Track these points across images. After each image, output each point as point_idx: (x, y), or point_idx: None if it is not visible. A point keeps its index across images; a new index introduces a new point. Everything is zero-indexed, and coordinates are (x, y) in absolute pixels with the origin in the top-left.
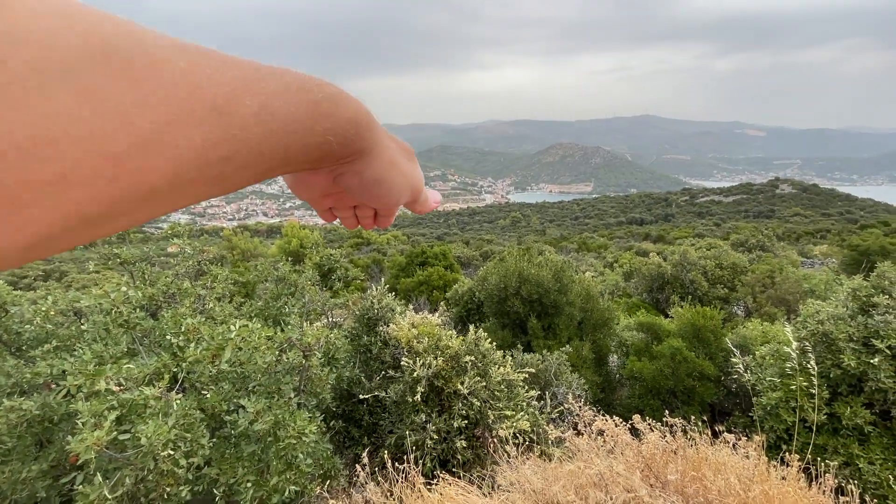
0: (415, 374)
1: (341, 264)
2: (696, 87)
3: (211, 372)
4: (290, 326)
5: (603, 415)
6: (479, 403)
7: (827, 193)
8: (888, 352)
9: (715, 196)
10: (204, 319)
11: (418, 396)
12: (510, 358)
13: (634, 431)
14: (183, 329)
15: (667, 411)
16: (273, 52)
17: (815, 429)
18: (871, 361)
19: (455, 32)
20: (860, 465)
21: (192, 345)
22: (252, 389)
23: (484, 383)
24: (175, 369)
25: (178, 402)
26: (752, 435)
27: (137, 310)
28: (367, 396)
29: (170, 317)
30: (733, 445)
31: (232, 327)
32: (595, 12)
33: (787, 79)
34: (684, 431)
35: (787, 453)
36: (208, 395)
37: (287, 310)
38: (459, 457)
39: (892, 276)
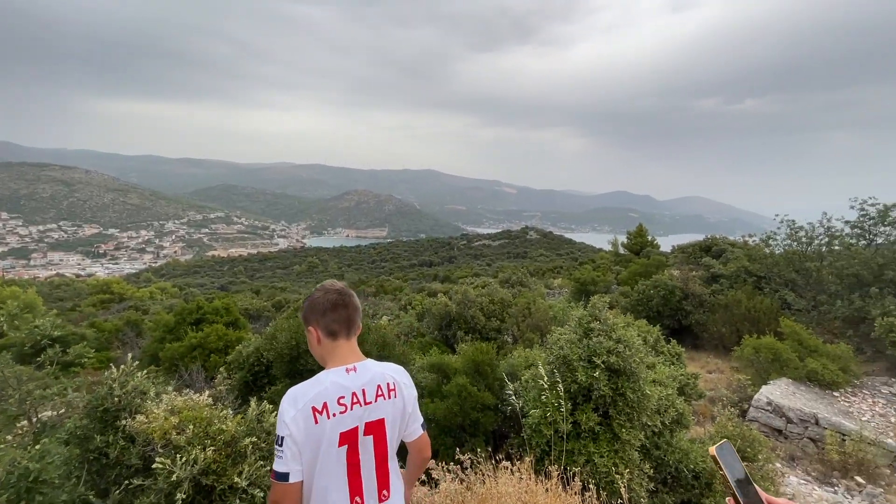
0: (173, 477)
1: (61, 338)
2: (467, 149)
3: None
4: None
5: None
6: (262, 494)
7: (559, 238)
8: (603, 366)
9: (486, 241)
10: None
11: None
12: None
13: (430, 478)
14: None
15: (458, 448)
16: None
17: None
18: (594, 375)
19: (240, 68)
20: (595, 461)
21: None
22: None
23: (268, 467)
24: None
25: None
26: (523, 455)
27: None
28: None
29: None
30: (511, 471)
31: None
32: (381, 75)
33: (529, 150)
34: (472, 466)
35: (548, 465)
36: None
37: None
38: None
39: (600, 306)
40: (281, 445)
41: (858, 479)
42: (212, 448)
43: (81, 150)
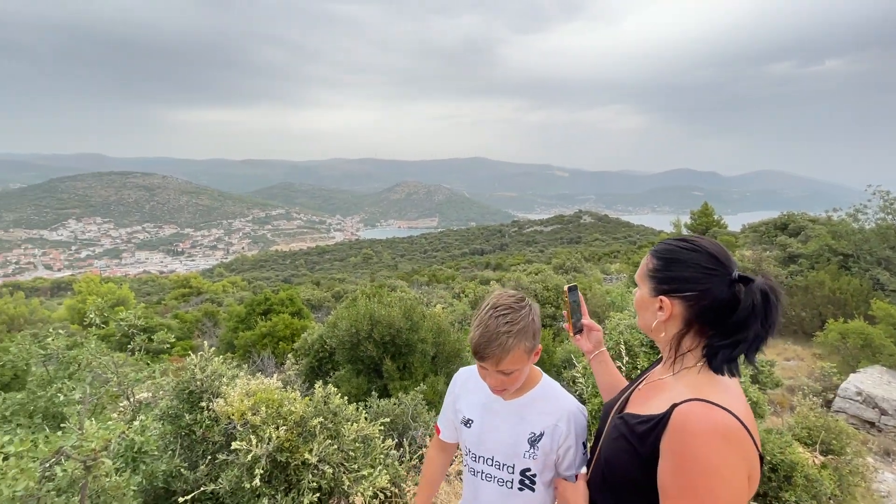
0: (251, 454)
1: (147, 328)
2: (515, 134)
3: None
4: (63, 429)
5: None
6: (331, 470)
7: (615, 221)
8: None
9: (537, 227)
10: None
11: (257, 480)
12: (364, 411)
13: None
14: None
15: None
16: (54, 65)
17: None
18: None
19: (293, 70)
20: None
21: None
22: None
23: (336, 445)
24: None
25: None
26: None
27: None
28: (186, 498)
29: None
30: None
31: None
32: (425, 67)
33: (580, 131)
34: None
35: None
36: None
37: (64, 398)
38: None
39: None
40: None
41: None
42: (284, 427)
43: (159, 158)
